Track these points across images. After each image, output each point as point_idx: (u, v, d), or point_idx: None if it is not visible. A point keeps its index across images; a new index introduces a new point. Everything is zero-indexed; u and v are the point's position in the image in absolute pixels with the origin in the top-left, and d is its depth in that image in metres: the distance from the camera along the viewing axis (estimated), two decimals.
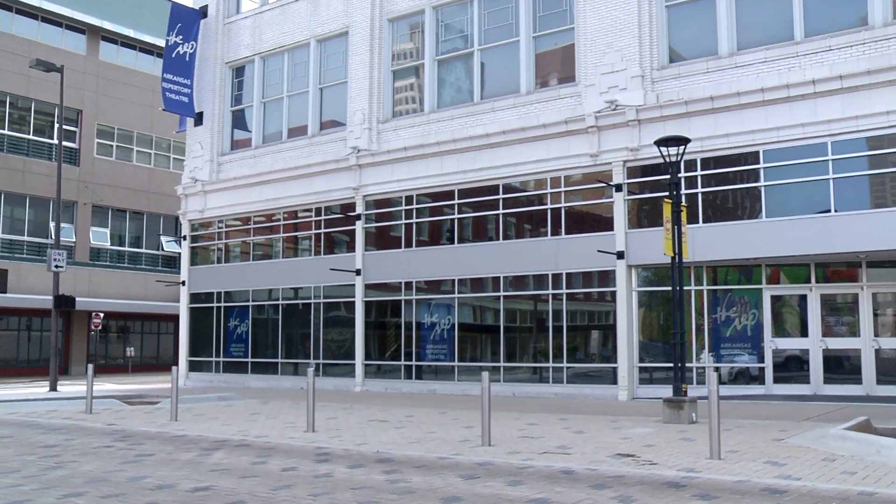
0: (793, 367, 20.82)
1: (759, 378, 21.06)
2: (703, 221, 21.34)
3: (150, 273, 45.20)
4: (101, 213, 44.68)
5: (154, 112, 45.79)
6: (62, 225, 42.81)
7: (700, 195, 21.49)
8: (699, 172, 21.55)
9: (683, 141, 16.68)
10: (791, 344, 20.91)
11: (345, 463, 11.24)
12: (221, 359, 31.61)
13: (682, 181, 21.10)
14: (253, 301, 30.90)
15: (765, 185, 20.66)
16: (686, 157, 20.62)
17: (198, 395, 23.55)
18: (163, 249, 46.77)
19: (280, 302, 30.04)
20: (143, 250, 46.24)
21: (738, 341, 21.37)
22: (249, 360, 30.72)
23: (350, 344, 27.93)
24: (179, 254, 38.59)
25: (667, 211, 16.44)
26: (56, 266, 27.58)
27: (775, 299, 21.19)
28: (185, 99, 32.33)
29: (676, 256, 16.36)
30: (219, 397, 23.52)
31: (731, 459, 10.84)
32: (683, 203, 17.53)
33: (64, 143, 42.67)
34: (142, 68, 47.62)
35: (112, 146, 45.55)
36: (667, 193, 17.63)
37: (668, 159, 16.75)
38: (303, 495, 8.88)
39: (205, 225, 32.87)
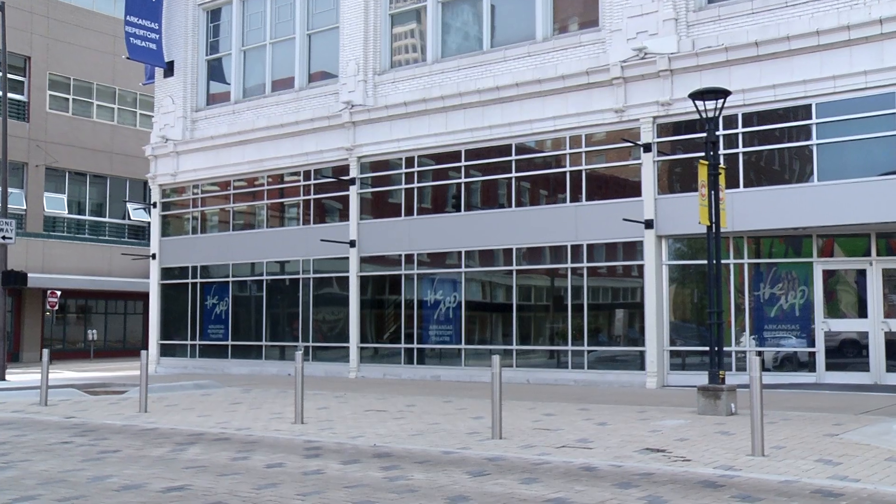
0: (849, 352, 20.81)
1: (808, 364, 21.08)
2: (745, 186, 21.26)
3: (115, 245, 45.23)
4: (56, 176, 44.61)
5: (116, 61, 45.42)
6: (10, 190, 42.65)
7: (741, 156, 21.41)
8: (740, 129, 21.45)
9: (723, 93, 16.58)
10: (847, 326, 20.89)
11: (338, 458, 11.27)
12: (198, 342, 31.71)
13: (721, 140, 20.98)
14: (233, 276, 30.95)
15: (817, 144, 20.56)
16: (725, 113, 20.49)
17: (171, 384, 23.64)
18: (129, 218, 46.81)
19: (264, 277, 30.08)
20: (107, 219, 46.30)
21: (785, 322, 21.36)
22: (229, 343, 30.82)
23: (343, 325, 27.98)
24: (148, 223, 38.66)
25: (702, 174, 16.38)
26: (3, 238, 27.57)
27: (828, 274, 21.16)
28: (153, 45, 32.20)
29: (713, 226, 16.31)
30: (195, 385, 23.61)
31: (777, 457, 10.85)
32: (722, 165, 17.46)
33: (9, 96, 42.31)
34: (101, 9, 47.38)
35: (68, 100, 45.39)
36: (702, 154, 17.56)
37: (704, 115, 16.66)
38: (290, 495, 8.91)
39: (178, 190, 32.84)
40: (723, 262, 20.40)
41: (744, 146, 21.41)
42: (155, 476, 10.08)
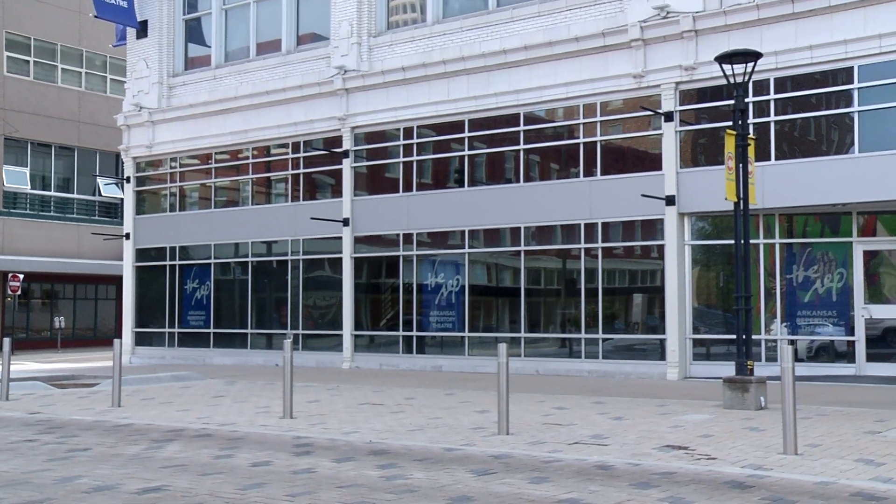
0: (892, 341, 20.83)
1: (846, 355, 21.09)
2: (777, 158, 21.23)
3: (85, 224, 45.17)
4: (17, 147, 44.41)
5: (83, 19, 45.09)
6: None
7: (773, 125, 21.35)
8: (772, 96, 21.39)
9: (753, 56, 16.51)
10: (890, 312, 20.87)
11: (330, 456, 11.29)
12: (176, 330, 31.74)
13: (751, 107, 20.96)
14: (215, 258, 30.95)
15: (859, 111, 20.50)
16: (756, 77, 20.38)
17: (147, 375, 23.68)
18: (100, 194, 46.75)
19: (249, 259, 30.09)
20: (75, 195, 46.24)
21: (820, 308, 21.37)
22: (211, 331, 30.86)
23: (336, 311, 28.01)
24: (122, 200, 38.59)
25: (730, 145, 16.33)
26: None
27: (869, 256, 21.14)
28: (124, 3, 32.08)
29: (741, 202, 16.27)
30: (173, 377, 23.64)
31: (811, 455, 10.86)
32: (751, 135, 17.42)
33: None
34: None
35: (28, 62, 45.07)
36: (730, 123, 17.50)
37: (732, 80, 16.60)
38: (278, 495, 8.92)
39: (153, 164, 32.81)
40: (752, 242, 20.33)
41: (776, 114, 21.35)
42: (129, 476, 10.08)
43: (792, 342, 21.16)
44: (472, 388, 19.92)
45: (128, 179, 33.16)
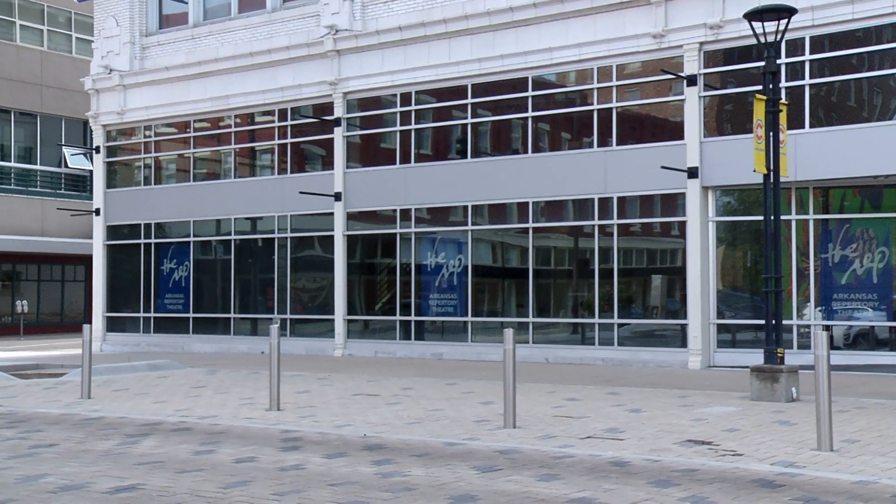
0: None
1: (889, 342, 21.11)
2: (811, 126, 21.16)
3: (49, 199, 45.10)
4: None
5: None
6: None
7: (807, 88, 21.27)
8: (807, 57, 21.31)
9: (786, 12, 16.43)
10: None
11: (320, 451, 11.31)
12: (152, 314, 31.76)
13: (783, 69, 20.89)
14: (195, 236, 30.94)
15: None
16: (789, 36, 20.30)
17: (120, 364, 23.67)
18: (66, 166, 46.64)
19: (232, 237, 30.08)
20: (38, 167, 46.13)
21: (859, 291, 21.37)
22: (191, 315, 30.87)
23: (327, 293, 28.03)
24: (90, 172, 38.53)
25: (759, 111, 16.28)
26: None
27: None
28: None
29: (771, 174, 16.24)
30: (149, 366, 23.65)
31: (849, 452, 10.86)
32: (783, 100, 17.36)
33: None
34: None
35: None
36: (760, 87, 17.45)
37: (763, 39, 16.55)
38: (264, 494, 8.92)
39: (125, 132, 32.75)
40: (783, 218, 20.27)
41: (811, 77, 21.27)
42: (100, 474, 10.07)
43: (827, 328, 21.13)
44: (476, 378, 19.94)
45: (97, 149, 33.07)
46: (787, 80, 21.01)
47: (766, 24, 16.52)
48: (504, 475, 9.75)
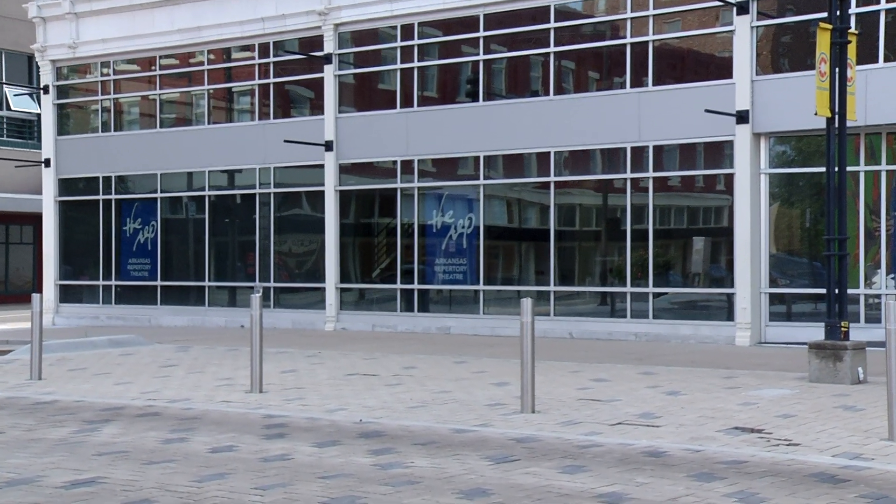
0: None
1: None
2: (886, 60, 20.98)
3: None
4: None
5: None
6: None
7: (882, 15, 21.05)
8: None
9: None
10: None
11: (310, 439, 11.32)
12: (113, 283, 31.78)
13: None
14: (162, 192, 30.89)
15: None
16: None
17: (76, 340, 23.74)
18: (9, 108, 46.42)
19: (206, 193, 30.04)
20: None
21: None
22: (159, 283, 30.89)
23: (317, 258, 28.03)
24: (38, 116, 38.48)
25: (823, 43, 16.12)
26: None
27: None
28: None
29: (836, 117, 16.11)
30: (110, 342, 23.69)
31: None
32: (853, 29, 17.18)
33: None
34: None
35: None
36: (824, 14, 17.34)
37: None
38: (244, 488, 8.91)
39: (79, 70, 32.66)
40: (849, 169, 20.12)
41: (888, 1, 21.08)
42: (53, 466, 10.06)
43: None
44: (489, 355, 20.01)
45: (45, 89, 32.91)
46: (857, 6, 20.77)
47: None
48: (521, 466, 9.74)
